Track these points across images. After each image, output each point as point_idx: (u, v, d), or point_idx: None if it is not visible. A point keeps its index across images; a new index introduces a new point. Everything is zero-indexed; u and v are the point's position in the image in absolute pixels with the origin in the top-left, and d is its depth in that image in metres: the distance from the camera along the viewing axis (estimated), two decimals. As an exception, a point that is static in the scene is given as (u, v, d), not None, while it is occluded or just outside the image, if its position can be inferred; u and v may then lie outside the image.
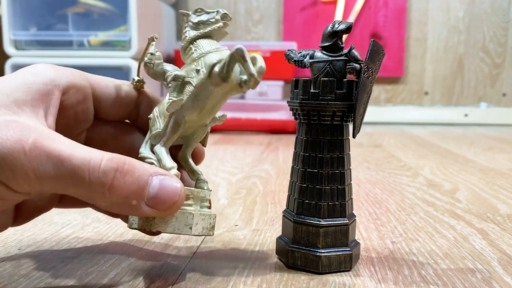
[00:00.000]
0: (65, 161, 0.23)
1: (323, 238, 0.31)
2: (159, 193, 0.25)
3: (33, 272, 0.31)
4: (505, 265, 0.33)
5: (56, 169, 0.22)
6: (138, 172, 0.24)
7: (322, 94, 0.31)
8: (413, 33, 1.72)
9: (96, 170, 0.23)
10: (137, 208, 0.25)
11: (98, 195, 0.23)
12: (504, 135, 1.32)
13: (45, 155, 0.22)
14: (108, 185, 0.23)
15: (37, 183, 0.23)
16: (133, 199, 0.24)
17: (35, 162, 0.22)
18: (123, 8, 1.31)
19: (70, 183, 0.23)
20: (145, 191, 0.25)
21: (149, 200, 0.25)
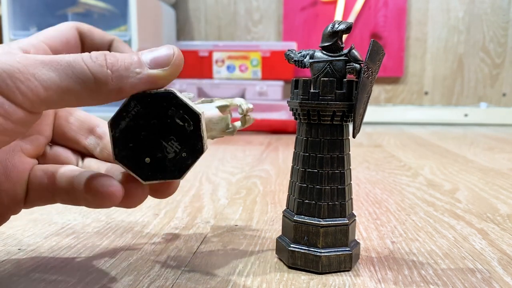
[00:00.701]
0: (59, 61, 0.22)
1: (323, 238, 0.31)
2: (156, 55, 0.25)
3: (33, 272, 0.31)
4: (505, 265, 0.33)
5: (55, 70, 0.22)
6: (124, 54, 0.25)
7: (322, 94, 0.31)
8: (413, 33, 1.72)
9: (89, 59, 0.23)
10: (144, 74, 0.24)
11: (102, 78, 0.23)
12: (504, 135, 1.32)
13: (39, 61, 0.22)
14: (105, 65, 0.23)
15: (42, 90, 0.22)
16: (136, 68, 0.24)
17: (31, 68, 0.22)
18: (123, 8, 1.31)
19: (72, 79, 0.23)
20: (141, 60, 0.24)
21: (151, 63, 0.24)
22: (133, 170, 0.25)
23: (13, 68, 0.21)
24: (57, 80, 0.22)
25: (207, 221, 0.44)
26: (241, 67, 1.53)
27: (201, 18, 1.77)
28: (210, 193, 0.56)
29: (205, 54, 1.52)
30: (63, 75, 0.22)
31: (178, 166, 0.25)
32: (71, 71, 0.22)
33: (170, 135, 0.25)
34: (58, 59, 0.23)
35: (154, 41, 1.43)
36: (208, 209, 0.48)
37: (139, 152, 0.25)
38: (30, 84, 0.22)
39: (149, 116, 0.24)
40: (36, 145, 0.30)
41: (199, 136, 0.25)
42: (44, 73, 0.22)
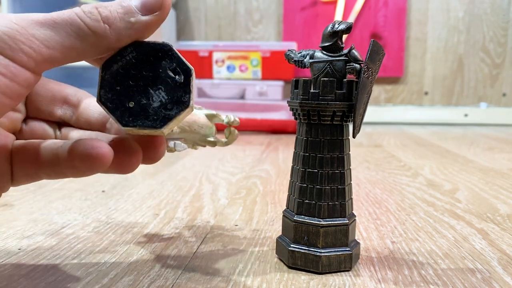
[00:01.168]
0: (56, 20, 0.23)
1: (323, 238, 0.31)
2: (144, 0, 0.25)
3: (33, 272, 0.31)
4: (505, 265, 0.33)
5: (52, 28, 0.22)
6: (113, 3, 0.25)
7: (322, 94, 0.31)
8: (413, 33, 1.72)
9: (83, 14, 0.23)
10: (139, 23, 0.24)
11: (101, 33, 0.23)
12: (504, 135, 1.32)
13: (34, 22, 0.22)
14: (100, 19, 0.23)
15: (44, 49, 0.22)
16: (130, 17, 0.24)
17: (30, 28, 0.22)
18: (123, 8, 1.31)
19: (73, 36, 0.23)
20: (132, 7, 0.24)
21: (142, 9, 0.24)
22: (114, 113, 0.25)
23: (12, 30, 0.21)
24: (57, 38, 0.22)
25: (207, 221, 0.44)
26: (241, 67, 1.53)
27: (201, 18, 1.77)
28: (210, 193, 0.56)
29: (205, 54, 1.52)
30: (62, 33, 0.23)
31: (160, 116, 0.25)
32: (70, 29, 0.23)
33: (159, 84, 0.25)
34: (53, 17, 0.23)
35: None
36: (208, 209, 0.48)
37: (124, 96, 0.25)
38: (32, 44, 0.22)
39: (143, 63, 0.25)
40: (12, 120, 0.30)
41: (188, 90, 0.25)
42: (43, 32, 0.22)
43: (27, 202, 0.49)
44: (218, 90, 1.50)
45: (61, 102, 0.32)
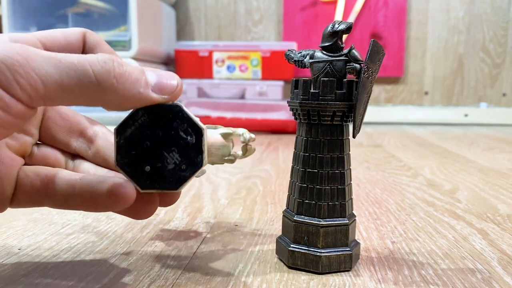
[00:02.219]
0: (63, 60, 0.22)
1: (323, 238, 0.31)
2: (160, 80, 0.25)
3: (33, 272, 0.31)
4: (505, 265, 0.33)
5: (56, 67, 0.22)
6: (129, 65, 0.24)
7: (322, 94, 0.31)
8: (413, 33, 1.72)
9: (96, 62, 0.22)
10: (145, 96, 0.24)
11: (106, 86, 0.23)
12: (504, 135, 1.32)
13: (40, 56, 0.21)
14: (113, 73, 0.23)
15: (41, 86, 0.21)
16: (140, 87, 0.24)
17: (32, 62, 0.21)
18: (123, 8, 1.31)
19: (75, 80, 0.22)
20: (146, 79, 0.24)
21: (154, 87, 0.25)
22: (133, 177, 0.26)
23: (12, 60, 0.21)
24: (57, 78, 0.22)
25: (207, 221, 0.44)
26: (241, 67, 1.53)
27: (201, 18, 1.77)
28: (210, 193, 0.56)
29: (205, 54, 1.52)
30: (64, 74, 0.22)
31: (176, 178, 0.26)
32: (73, 71, 0.22)
33: (172, 146, 0.25)
34: (59, 57, 0.22)
35: (154, 41, 1.43)
36: (208, 209, 0.48)
37: (141, 160, 0.25)
38: (30, 78, 0.21)
39: (155, 126, 0.25)
40: (22, 143, 0.30)
41: (200, 150, 0.26)
42: (45, 68, 0.21)
43: (27, 202, 0.49)
44: (218, 90, 1.50)
45: (77, 135, 0.32)
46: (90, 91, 0.22)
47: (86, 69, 0.22)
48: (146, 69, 0.25)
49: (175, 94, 0.25)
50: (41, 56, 0.21)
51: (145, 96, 0.24)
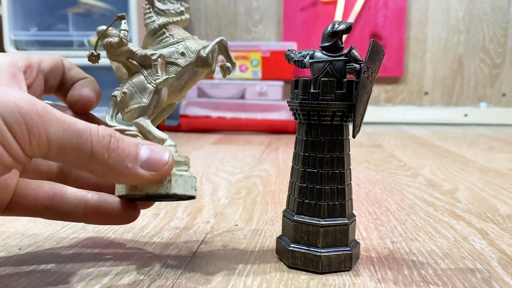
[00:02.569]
0: (71, 126, 0.24)
1: (323, 238, 0.31)
2: (151, 156, 0.27)
3: (33, 272, 0.31)
4: (505, 265, 0.33)
5: (64, 132, 0.24)
6: (128, 139, 0.27)
7: (322, 94, 0.31)
8: (413, 33, 1.72)
9: (96, 135, 0.25)
10: (133, 171, 0.27)
11: (98, 158, 0.25)
12: (504, 135, 1.32)
13: (55, 119, 0.24)
14: (106, 147, 0.25)
15: (46, 146, 0.23)
16: (129, 162, 0.26)
17: (47, 125, 0.23)
18: (123, 8, 1.31)
19: (74, 148, 0.24)
20: (138, 155, 0.27)
21: (144, 163, 0.27)
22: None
23: (32, 121, 0.23)
24: (61, 142, 0.24)
25: (207, 221, 0.44)
26: (241, 67, 1.53)
27: (201, 18, 1.77)
28: (210, 193, 0.56)
29: (205, 54, 1.52)
30: (67, 139, 0.24)
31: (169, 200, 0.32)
32: (76, 139, 0.24)
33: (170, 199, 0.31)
34: (71, 122, 0.24)
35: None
36: (208, 209, 0.48)
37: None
38: (40, 139, 0.23)
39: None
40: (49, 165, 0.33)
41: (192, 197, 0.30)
42: (55, 132, 0.24)
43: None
44: (218, 90, 1.50)
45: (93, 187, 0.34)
46: (83, 159, 0.25)
47: (86, 140, 0.25)
48: (143, 143, 0.28)
49: (162, 172, 0.28)
50: (56, 119, 0.24)
51: (132, 171, 0.27)
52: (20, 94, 0.23)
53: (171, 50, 0.32)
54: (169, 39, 0.32)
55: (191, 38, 0.33)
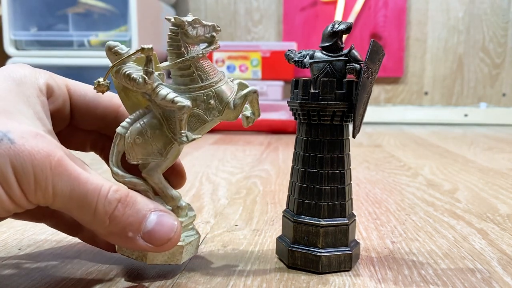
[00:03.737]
0: (81, 185, 0.24)
1: (323, 238, 0.31)
2: (156, 228, 0.26)
3: (33, 272, 0.31)
4: (505, 265, 0.33)
5: (71, 190, 0.23)
6: (138, 205, 0.26)
7: (322, 94, 0.31)
8: (413, 33, 1.72)
9: (103, 198, 0.24)
10: (132, 240, 0.26)
11: (98, 222, 0.25)
12: (504, 135, 1.32)
13: (66, 174, 0.23)
14: (109, 214, 0.25)
15: (51, 199, 0.23)
16: (130, 231, 0.25)
17: (56, 179, 0.23)
18: (123, 8, 1.31)
19: (79, 207, 0.24)
20: (142, 225, 0.26)
21: (145, 234, 0.26)
22: None
23: (42, 172, 0.23)
24: (66, 197, 0.23)
25: (207, 221, 0.44)
26: (241, 67, 1.53)
27: (201, 18, 1.77)
28: (210, 193, 0.56)
29: (205, 54, 1.52)
30: (73, 196, 0.24)
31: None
32: (82, 199, 0.24)
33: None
34: (82, 181, 0.24)
35: (154, 41, 1.43)
36: (208, 209, 0.48)
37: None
38: (46, 192, 0.23)
39: None
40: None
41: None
42: (63, 187, 0.23)
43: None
44: (218, 90, 1.49)
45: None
46: (85, 218, 0.25)
47: (91, 202, 0.24)
48: (153, 209, 0.26)
49: (164, 247, 0.26)
50: (67, 175, 0.23)
51: (131, 241, 0.26)
52: (38, 144, 0.23)
53: (198, 97, 0.28)
54: (197, 82, 0.28)
55: (223, 81, 0.29)
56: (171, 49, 0.28)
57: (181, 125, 0.27)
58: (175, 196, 0.29)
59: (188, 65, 0.28)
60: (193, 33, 0.28)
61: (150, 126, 0.28)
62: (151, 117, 0.28)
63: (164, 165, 0.29)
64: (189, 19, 0.28)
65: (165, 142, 0.28)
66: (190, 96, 0.28)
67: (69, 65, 1.27)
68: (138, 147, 0.28)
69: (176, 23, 0.28)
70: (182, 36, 0.28)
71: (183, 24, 0.27)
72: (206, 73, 0.28)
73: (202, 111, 0.28)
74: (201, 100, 0.28)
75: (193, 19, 0.28)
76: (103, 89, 0.28)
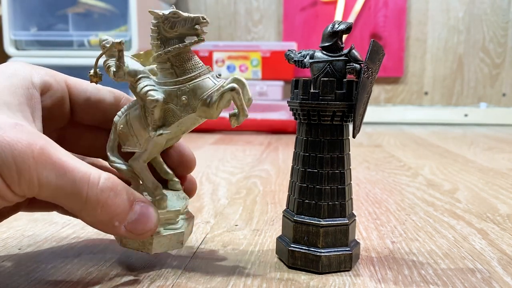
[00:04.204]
0: (68, 173, 0.23)
1: (323, 238, 0.31)
2: (138, 219, 0.27)
3: (33, 272, 0.31)
4: (505, 265, 0.33)
5: (58, 178, 0.23)
6: (126, 195, 0.26)
7: (322, 94, 0.31)
8: (413, 33, 1.72)
9: (95, 187, 0.24)
10: (117, 229, 0.26)
11: (89, 211, 0.25)
12: (504, 135, 1.32)
13: (50, 163, 0.23)
14: (102, 203, 0.25)
15: (37, 189, 0.23)
16: (116, 221, 0.26)
17: (40, 168, 0.23)
18: (123, 8, 1.31)
19: (67, 195, 0.24)
20: (128, 215, 0.26)
21: (128, 224, 0.27)
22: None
23: (24, 162, 0.22)
24: (53, 186, 0.23)
25: (207, 221, 0.44)
26: (241, 67, 1.53)
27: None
28: (210, 193, 0.56)
29: (205, 54, 1.52)
30: (61, 184, 0.23)
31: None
32: (71, 186, 0.24)
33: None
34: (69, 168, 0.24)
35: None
36: (208, 209, 0.48)
37: None
38: (31, 183, 0.23)
39: None
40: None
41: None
42: (48, 176, 0.23)
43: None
44: (218, 90, 1.49)
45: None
46: (75, 206, 0.25)
47: (81, 190, 0.24)
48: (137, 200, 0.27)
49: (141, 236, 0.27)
50: (52, 163, 0.23)
51: (116, 230, 0.26)
52: (17, 134, 0.23)
53: (172, 92, 0.28)
54: (173, 76, 0.28)
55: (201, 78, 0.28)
56: (152, 42, 0.28)
57: (152, 118, 0.28)
58: (154, 187, 0.30)
59: (165, 58, 0.28)
60: (170, 27, 0.27)
61: (133, 117, 0.29)
62: (136, 109, 0.29)
63: (145, 156, 0.30)
64: (166, 12, 0.27)
65: (143, 133, 0.29)
66: (165, 91, 0.28)
67: (69, 65, 1.27)
68: (122, 135, 0.29)
69: (154, 16, 0.27)
70: (161, 30, 0.27)
71: (160, 17, 0.27)
72: (184, 68, 0.28)
73: (176, 106, 0.28)
74: (174, 95, 0.28)
75: (170, 12, 0.27)
76: (94, 80, 0.28)
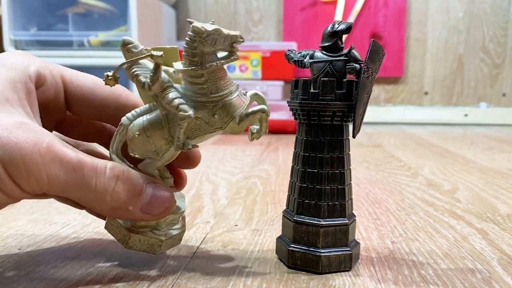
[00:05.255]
0: (76, 167, 0.24)
1: (323, 238, 0.31)
2: (152, 200, 0.27)
3: (33, 272, 0.31)
4: (505, 265, 0.33)
5: (67, 174, 0.24)
6: (135, 180, 0.27)
7: (322, 94, 0.31)
8: (413, 33, 1.72)
9: (102, 177, 0.25)
10: (133, 213, 0.27)
11: (100, 200, 0.25)
12: (504, 135, 1.32)
13: (58, 160, 0.24)
14: (110, 191, 0.25)
15: (46, 186, 0.24)
16: (130, 205, 0.27)
17: (49, 166, 0.23)
18: (123, 8, 1.31)
19: (77, 188, 0.24)
20: (140, 198, 0.27)
21: (144, 206, 0.27)
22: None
23: (32, 161, 0.23)
24: (63, 182, 0.24)
25: (207, 221, 0.44)
26: (241, 67, 1.53)
27: (201, 18, 1.77)
28: (210, 193, 0.56)
29: (205, 54, 1.52)
30: (70, 180, 0.24)
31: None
32: (79, 180, 0.24)
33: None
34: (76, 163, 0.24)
35: (154, 41, 1.43)
36: (208, 209, 0.48)
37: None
38: (40, 179, 0.23)
39: None
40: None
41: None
42: (57, 172, 0.24)
43: (27, 202, 0.49)
44: (218, 90, 1.49)
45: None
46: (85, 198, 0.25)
47: (90, 182, 0.25)
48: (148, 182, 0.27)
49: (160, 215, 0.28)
50: (59, 160, 0.24)
51: (132, 213, 0.27)
52: (23, 134, 0.23)
53: (204, 108, 0.27)
54: (206, 92, 0.27)
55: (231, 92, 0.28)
56: (186, 55, 0.27)
57: (180, 132, 0.28)
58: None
59: (200, 74, 0.27)
60: (210, 44, 0.27)
61: (152, 125, 0.28)
62: (156, 116, 0.28)
63: (159, 164, 0.30)
64: (209, 29, 0.26)
65: (163, 143, 0.29)
66: (196, 105, 0.28)
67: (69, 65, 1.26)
68: (137, 141, 0.28)
69: (195, 31, 0.26)
70: (199, 45, 0.27)
71: (201, 33, 0.26)
72: (217, 85, 0.28)
73: (205, 121, 0.28)
74: (206, 111, 0.28)
75: (213, 29, 0.26)
76: (111, 83, 0.28)
